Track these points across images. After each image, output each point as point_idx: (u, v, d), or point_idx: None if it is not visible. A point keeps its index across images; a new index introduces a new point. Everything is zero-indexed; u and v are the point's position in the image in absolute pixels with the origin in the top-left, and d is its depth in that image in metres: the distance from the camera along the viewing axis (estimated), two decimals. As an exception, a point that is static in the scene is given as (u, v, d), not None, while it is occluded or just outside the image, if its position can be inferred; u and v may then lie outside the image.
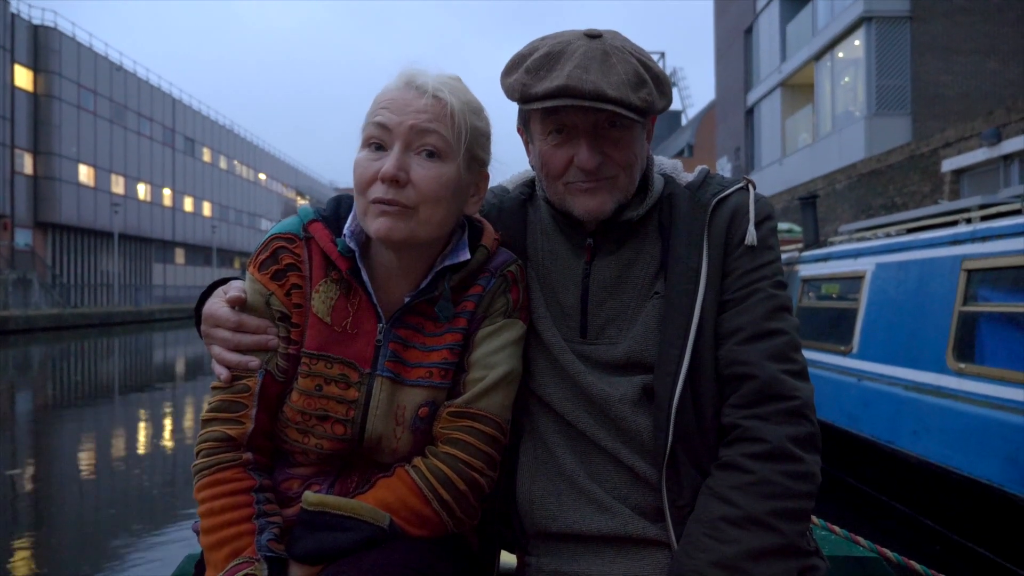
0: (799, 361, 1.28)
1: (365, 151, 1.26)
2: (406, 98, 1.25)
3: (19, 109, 37.84)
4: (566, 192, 1.34)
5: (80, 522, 5.96)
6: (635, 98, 1.22)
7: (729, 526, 1.17)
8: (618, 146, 1.30)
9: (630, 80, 1.23)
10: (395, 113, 1.24)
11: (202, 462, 1.25)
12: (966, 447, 4.44)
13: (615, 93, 1.21)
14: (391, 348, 1.30)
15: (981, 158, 12.44)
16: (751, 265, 1.31)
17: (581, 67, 1.22)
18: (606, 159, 1.30)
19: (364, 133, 1.27)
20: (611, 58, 1.24)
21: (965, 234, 4.91)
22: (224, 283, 1.39)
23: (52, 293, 36.68)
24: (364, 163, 1.25)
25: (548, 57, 1.26)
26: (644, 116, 1.27)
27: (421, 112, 1.24)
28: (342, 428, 1.28)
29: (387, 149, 1.24)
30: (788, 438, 1.20)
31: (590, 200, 1.31)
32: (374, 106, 1.27)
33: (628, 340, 1.34)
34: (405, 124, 1.23)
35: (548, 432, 1.37)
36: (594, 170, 1.29)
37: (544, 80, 1.24)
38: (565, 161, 1.31)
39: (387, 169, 1.21)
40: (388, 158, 1.22)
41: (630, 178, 1.33)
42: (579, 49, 1.25)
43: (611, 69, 1.23)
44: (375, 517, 1.23)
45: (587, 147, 1.28)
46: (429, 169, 1.24)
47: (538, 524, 1.35)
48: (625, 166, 1.31)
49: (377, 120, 1.24)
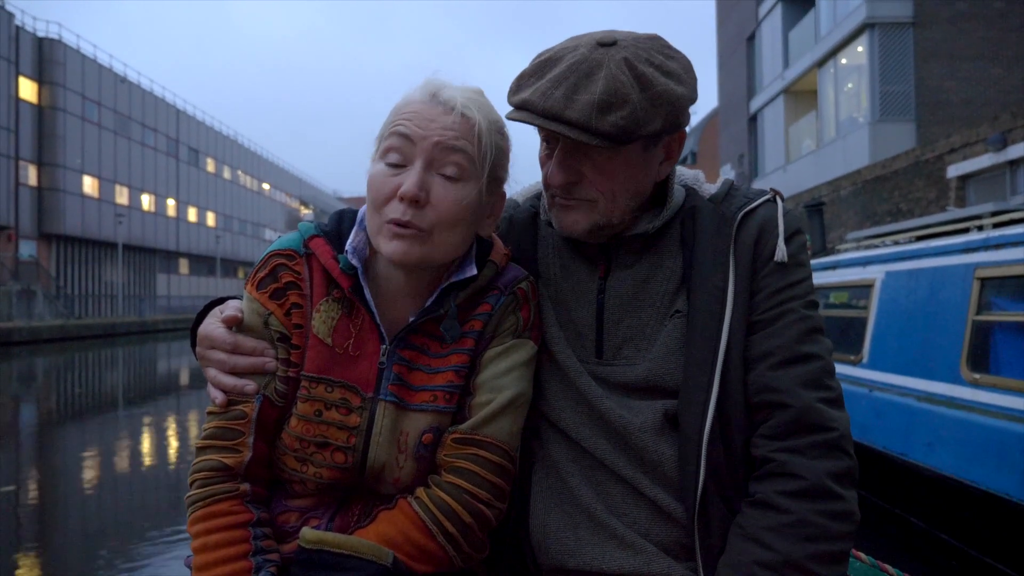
0: (835, 388, 1.20)
1: (382, 165, 1.18)
2: (432, 112, 1.17)
3: (24, 121, 37.96)
4: (550, 204, 1.30)
5: (84, 535, 5.89)
6: (602, 122, 1.11)
7: (765, 571, 1.09)
8: (598, 170, 1.21)
9: (601, 101, 1.10)
10: (419, 127, 1.16)
11: (196, 493, 1.17)
12: (982, 460, 4.35)
13: (575, 116, 1.11)
14: (395, 371, 1.23)
15: (987, 164, 12.35)
16: (781, 283, 1.23)
17: (554, 81, 1.14)
18: (583, 179, 1.22)
19: (383, 144, 1.18)
20: (598, 73, 1.12)
21: (978, 242, 4.83)
22: (221, 302, 1.32)
23: (56, 304, 36.69)
24: (381, 178, 1.17)
25: (543, 64, 1.19)
26: (613, 142, 1.13)
27: (448, 129, 1.16)
28: (342, 456, 1.20)
29: (406, 164, 1.17)
30: (827, 474, 1.12)
31: (564, 217, 1.26)
32: (394, 116, 1.19)
33: (647, 361, 1.26)
34: (430, 140, 1.16)
35: (562, 460, 1.29)
36: (565, 188, 1.22)
37: (520, 91, 1.18)
38: (546, 174, 1.26)
39: (408, 188, 1.13)
40: (408, 175, 1.15)
41: (613, 204, 1.23)
42: (572, 59, 1.15)
43: (586, 88, 1.12)
44: (377, 555, 1.14)
45: (556, 162, 1.22)
46: (450, 191, 1.17)
47: (553, 559, 1.26)
48: (605, 191, 1.21)
49: (400, 131, 1.16)
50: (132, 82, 47.99)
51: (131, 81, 47.87)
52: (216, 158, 60.05)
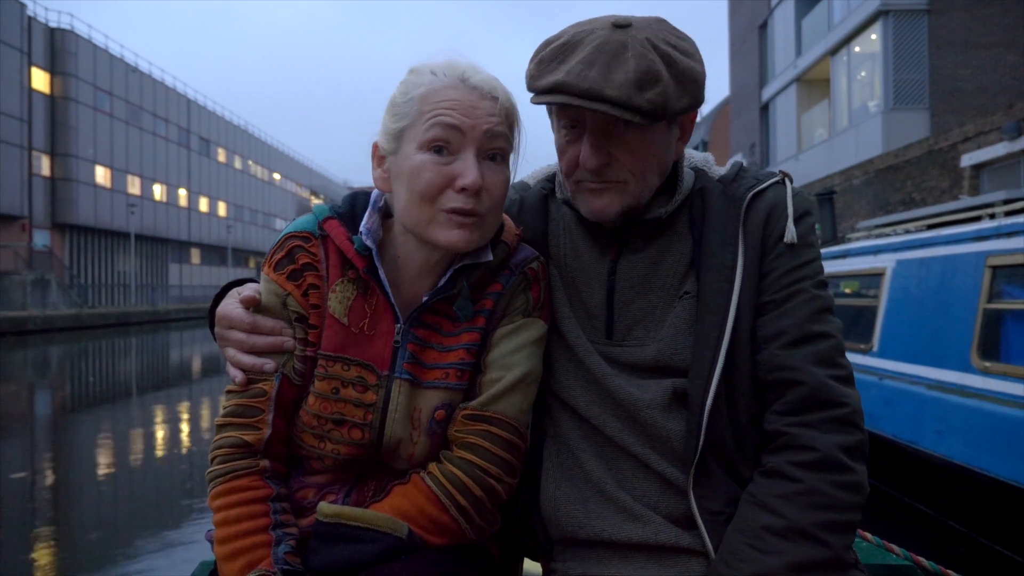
0: (846, 366, 1.22)
1: (427, 154, 1.18)
2: (471, 100, 1.19)
3: (36, 111, 38.17)
4: (575, 190, 1.29)
5: (99, 521, 5.97)
6: (640, 99, 1.12)
7: (773, 537, 1.11)
8: (629, 149, 1.22)
9: (638, 79, 1.12)
10: (467, 116, 1.18)
11: (217, 468, 1.21)
12: (992, 447, 4.35)
13: (614, 93, 1.12)
14: (409, 349, 1.26)
15: (1001, 152, 12.24)
16: (791, 264, 1.25)
17: (586, 62, 1.14)
18: (614, 161, 1.22)
19: (425, 134, 1.18)
20: (626, 52, 1.14)
21: (990, 230, 4.82)
22: (239, 284, 1.35)
23: (70, 293, 36.97)
24: (433, 168, 1.18)
25: (563, 48, 1.19)
26: (650, 119, 1.15)
27: (491, 115, 1.20)
28: (359, 432, 1.24)
29: (452, 153, 1.19)
30: (838, 447, 1.14)
31: (595, 201, 1.26)
32: (428, 104, 1.19)
33: (657, 342, 1.28)
34: (479, 129, 1.18)
35: (573, 437, 1.32)
36: (598, 171, 1.23)
37: (548, 74, 1.18)
38: (575, 158, 1.25)
39: (475, 180, 1.16)
40: (464, 165, 1.17)
41: (643, 184, 1.25)
42: (595, 41, 1.16)
43: (620, 66, 1.13)
44: (393, 527, 1.18)
45: (590, 146, 1.21)
46: (498, 174, 1.22)
47: (564, 531, 1.29)
48: (637, 172, 1.23)
49: (445, 120, 1.17)
50: (143, 72, 48.17)
51: (142, 71, 48.05)
52: (227, 148, 60.22)
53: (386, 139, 1.24)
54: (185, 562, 4.70)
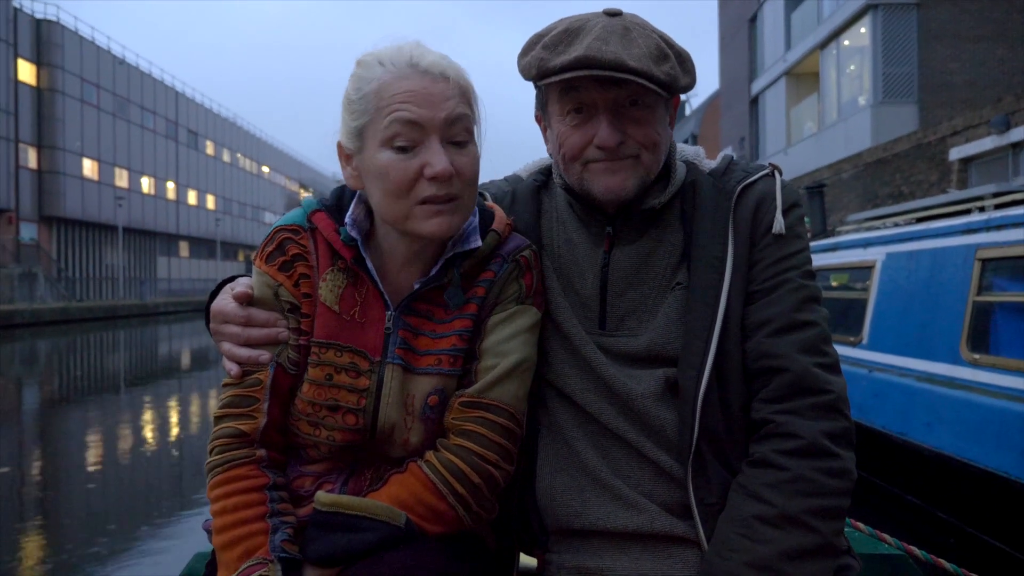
0: (831, 354, 1.24)
1: (389, 152, 1.18)
2: (425, 87, 1.18)
3: (23, 103, 37.87)
4: (584, 172, 1.29)
5: (88, 514, 5.95)
6: (658, 71, 1.19)
7: (763, 525, 1.13)
8: (640, 125, 1.26)
9: (652, 53, 1.20)
10: (423, 107, 1.17)
11: (215, 459, 1.23)
12: (981, 439, 4.38)
13: (637, 64, 1.17)
14: (400, 336, 1.27)
15: (990, 146, 12.32)
16: (779, 254, 1.27)
17: (601, 39, 1.19)
18: (627, 138, 1.25)
19: (386, 131, 1.17)
20: (632, 32, 1.21)
21: (979, 222, 4.85)
22: (232, 281, 1.37)
23: (57, 287, 36.76)
24: (399, 165, 1.18)
25: (567, 33, 1.23)
26: (668, 91, 1.23)
27: (447, 99, 1.19)
28: (354, 418, 1.25)
29: (417, 146, 1.18)
30: (823, 433, 1.16)
31: (611, 178, 1.26)
32: (383, 100, 1.17)
33: (650, 332, 1.29)
34: (439, 118, 1.18)
35: (568, 425, 1.32)
36: (615, 148, 1.24)
37: (562, 53, 1.20)
38: (584, 141, 1.26)
39: (443, 168, 1.16)
40: (430, 154, 1.17)
41: (654, 157, 1.28)
42: (599, 24, 1.22)
43: (632, 43, 1.19)
44: (391, 516, 1.18)
45: (607, 123, 1.23)
46: (466, 155, 1.23)
47: (560, 520, 1.30)
48: (648, 145, 1.26)
49: (404, 116, 1.16)
50: (131, 64, 47.82)
51: (129, 63, 47.70)
52: (215, 141, 59.93)
53: (348, 138, 1.24)
54: (175, 556, 4.68)
